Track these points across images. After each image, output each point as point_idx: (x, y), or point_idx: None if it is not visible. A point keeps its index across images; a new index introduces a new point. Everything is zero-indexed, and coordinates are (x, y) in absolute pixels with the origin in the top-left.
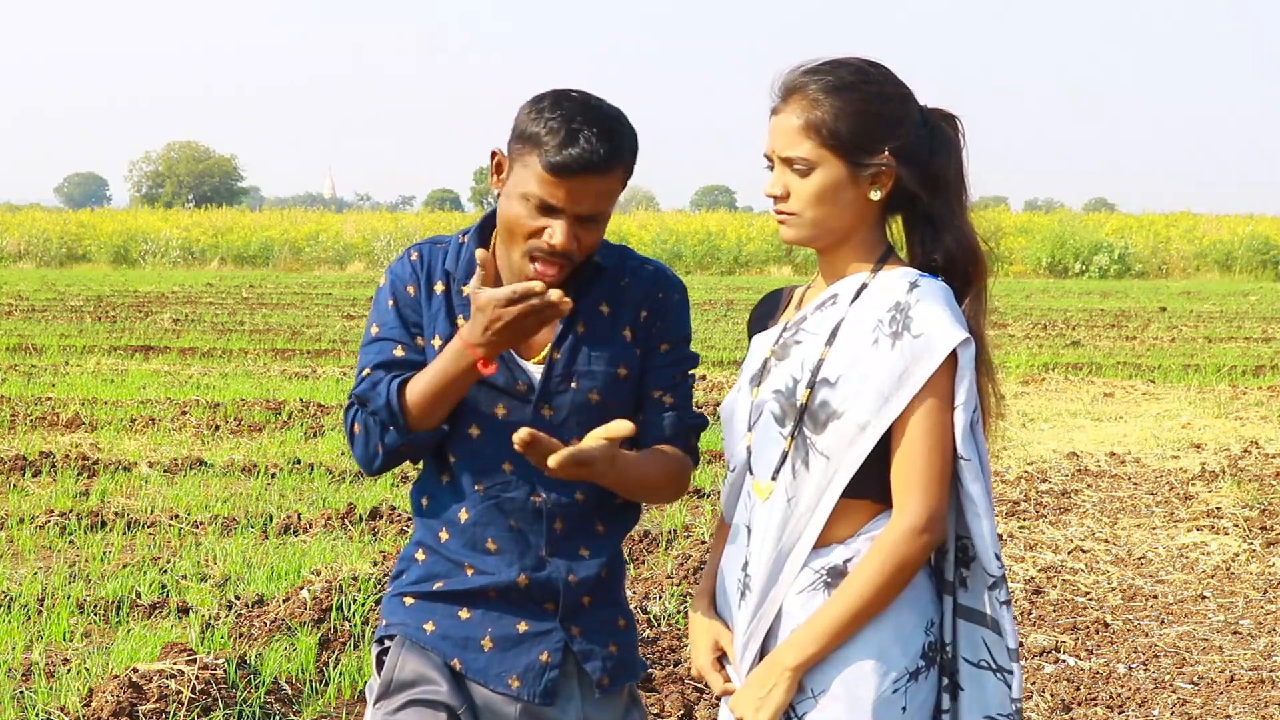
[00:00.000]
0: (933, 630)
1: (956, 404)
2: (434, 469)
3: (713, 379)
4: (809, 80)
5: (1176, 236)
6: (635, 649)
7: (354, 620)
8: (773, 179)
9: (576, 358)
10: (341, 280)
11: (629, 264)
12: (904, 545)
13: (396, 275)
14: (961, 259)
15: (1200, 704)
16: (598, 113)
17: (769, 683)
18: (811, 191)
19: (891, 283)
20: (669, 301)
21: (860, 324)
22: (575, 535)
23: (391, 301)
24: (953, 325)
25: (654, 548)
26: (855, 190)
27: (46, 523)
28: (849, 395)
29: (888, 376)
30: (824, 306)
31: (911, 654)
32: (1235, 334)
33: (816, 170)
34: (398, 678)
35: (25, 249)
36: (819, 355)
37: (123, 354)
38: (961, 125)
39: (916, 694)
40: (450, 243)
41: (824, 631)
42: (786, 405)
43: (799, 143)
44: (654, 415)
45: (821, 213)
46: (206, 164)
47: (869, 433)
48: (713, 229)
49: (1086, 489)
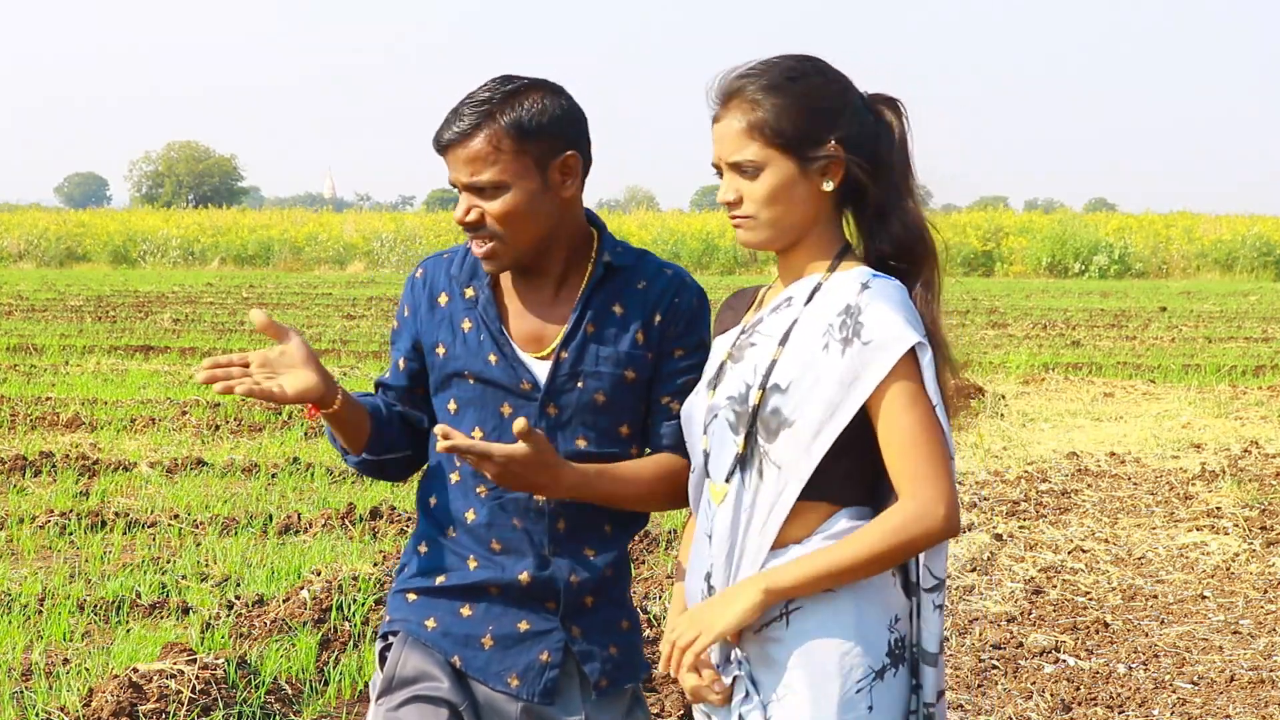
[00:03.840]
0: (897, 626)
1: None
2: (441, 469)
3: None
4: (745, 83)
5: (1176, 236)
6: (638, 651)
7: (354, 620)
8: (723, 185)
9: (584, 357)
10: (341, 280)
11: (649, 267)
12: (915, 524)
13: (405, 294)
14: (909, 244)
15: (1200, 704)
16: (487, 87)
17: (736, 591)
18: (763, 192)
19: (844, 284)
20: (685, 306)
21: (812, 327)
22: (580, 535)
23: (395, 323)
24: (905, 327)
25: (654, 548)
26: (807, 185)
27: (46, 523)
28: (799, 402)
29: (837, 383)
30: (779, 309)
31: (876, 652)
32: (1235, 334)
33: (765, 170)
34: (400, 674)
35: (25, 249)
36: (771, 357)
37: (123, 354)
38: (904, 109)
39: (884, 693)
40: (457, 251)
41: (806, 572)
42: (740, 410)
43: (744, 145)
44: (660, 423)
45: (776, 212)
46: (206, 164)
47: (820, 440)
48: (712, 229)
49: (1086, 489)
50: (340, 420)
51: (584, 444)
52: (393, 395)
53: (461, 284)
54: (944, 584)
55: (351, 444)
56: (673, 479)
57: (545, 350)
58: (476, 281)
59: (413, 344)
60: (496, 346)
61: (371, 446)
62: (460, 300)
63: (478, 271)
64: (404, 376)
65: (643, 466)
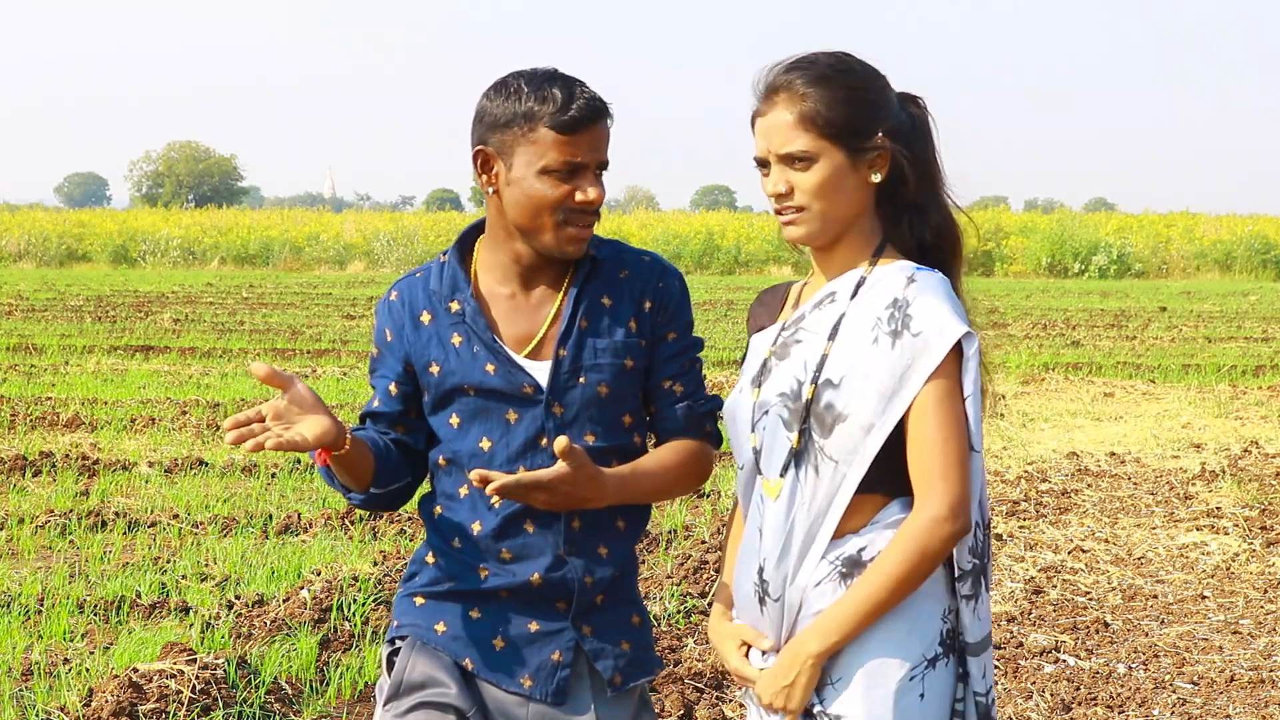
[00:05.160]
0: (949, 617)
1: (965, 395)
2: (447, 485)
3: (713, 378)
4: (792, 76)
5: (1176, 236)
6: (650, 647)
7: (354, 620)
8: (772, 178)
9: (583, 352)
10: (342, 280)
11: (626, 256)
12: (926, 535)
13: (380, 318)
14: (945, 239)
15: (1200, 704)
16: (561, 73)
17: (793, 670)
18: (816, 183)
19: (889, 277)
20: (671, 290)
21: (860, 321)
22: (595, 533)
23: (375, 350)
24: (952, 318)
25: (654, 548)
26: (856, 176)
27: (46, 523)
28: (852, 397)
29: (889, 376)
30: (822, 304)
31: (928, 641)
32: (1235, 334)
33: (818, 162)
34: (408, 679)
35: (25, 249)
36: (821, 353)
37: (123, 354)
38: (926, 105)
39: (935, 682)
40: (430, 268)
41: (846, 619)
42: (793, 406)
43: (796, 137)
44: (666, 407)
45: (828, 203)
46: (206, 164)
47: (875, 434)
48: (713, 229)
49: (1086, 489)
50: (349, 460)
51: (592, 439)
52: (384, 423)
53: (444, 299)
54: (972, 575)
55: (357, 482)
56: (694, 462)
57: (531, 348)
58: (460, 295)
59: (403, 366)
60: (492, 355)
61: (377, 480)
62: (446, 315)
63: (459, 284)
64: (397, 401)
65: (666, 456)
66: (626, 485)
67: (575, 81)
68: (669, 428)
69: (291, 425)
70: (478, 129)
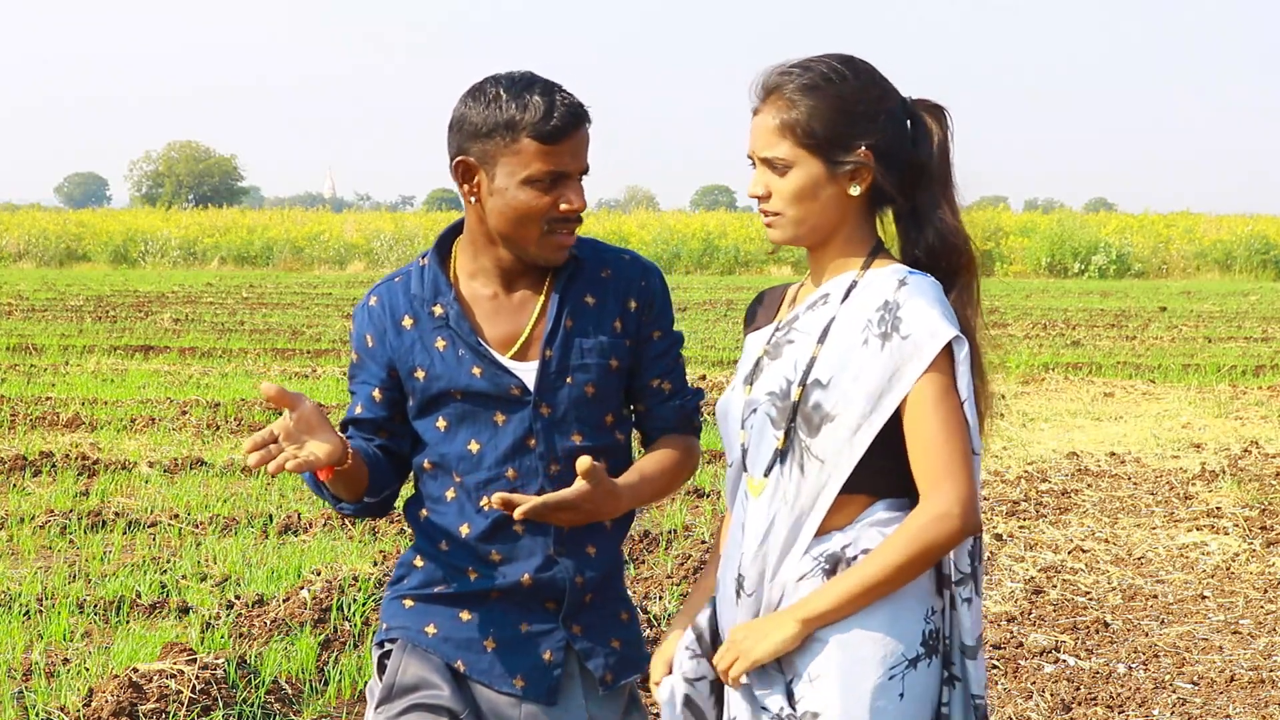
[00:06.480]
0: (933, 618)
1: (961, 399)
2: (433, 488)
3: (713, 379)
4: (785, 80)
5: (1176, 236)
6: (641, 644)
7: (354, 620)
8: (754, 179)
9: (569, 353)
10: (342, 280)
11: (606, 255)
12: (933, 528)
13: (359, 323)
14: (944, 252)
15: (1200, 704)
16: (539, 77)
17: (773, 623)
18: (790, 190)
19: (881, 280)
20: (654, 288)
21: (850, 323)
22: (584, 533)
23: (355, 356)
24: (941, 322)
25: (654, 548)
26: (834, 187)
27: (46, 523)
28: (840, 398)
29: (878, 378)
30: (815, 306)
31: (910, 641)
32: (1235, 334)
33: (794, 169)
34: (400, 682)
35: (25, 249)
36: (811, 354)
37: (123, 354)
38: (949, 116)
39: (916, 682)
40: (408, 271)
41: (838, 595)
42: (780, 405)
43: (776, 143)
44: (657, 406)
45: (802, 211)
46: (206, 164)
47: (862, 435)
48: (712, 229)
49: (1086, 489)
50: (350, 474)
51: (579, 439)
52: (368, 429)
53: (426, 303)
54: (971, 578)
55: (350, 493)
56: (687, 458)
57: (516, 349)
58: (442, 298)
59: (386, 372)
60: (478, 359)
61: (370, 489)
62: (429, 320)
63: (440, 287)
64: (382, 407)
65: (664, 457)
66: (636, 491)
67: (554, 86)
68: (661, 425)
69: (303, 444)
70: (456, 137)
